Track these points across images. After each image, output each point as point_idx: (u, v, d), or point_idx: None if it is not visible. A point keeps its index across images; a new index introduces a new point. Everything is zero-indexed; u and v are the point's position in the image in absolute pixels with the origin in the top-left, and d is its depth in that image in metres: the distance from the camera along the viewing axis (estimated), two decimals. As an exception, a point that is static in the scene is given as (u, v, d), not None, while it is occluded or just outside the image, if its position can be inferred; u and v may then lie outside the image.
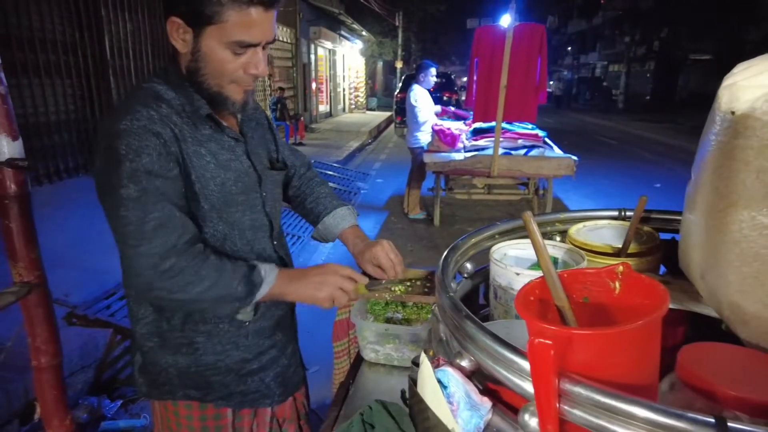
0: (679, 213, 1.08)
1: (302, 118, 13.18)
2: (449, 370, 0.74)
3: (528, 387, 0.66)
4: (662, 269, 1.21)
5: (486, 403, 0.71)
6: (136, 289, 1.00)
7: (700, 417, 0.54)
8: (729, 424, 0.52)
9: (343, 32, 19.99)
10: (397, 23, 23.53)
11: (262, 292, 1.04)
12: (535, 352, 0.59)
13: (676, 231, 1.20)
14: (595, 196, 6.82)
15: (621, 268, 0.74)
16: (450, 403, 0.71)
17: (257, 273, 1.03)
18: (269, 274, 1.05)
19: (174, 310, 1.10)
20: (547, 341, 0.59)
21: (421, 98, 5.36)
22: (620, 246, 1.11)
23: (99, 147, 1.00)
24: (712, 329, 0.93)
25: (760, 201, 0.74)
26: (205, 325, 1.12)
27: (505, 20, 4.43)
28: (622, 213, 1.31)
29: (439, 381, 0.74)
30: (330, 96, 19.84)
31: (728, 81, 0.84)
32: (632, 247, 1.11)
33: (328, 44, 18.57)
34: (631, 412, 0.57)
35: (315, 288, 1.08)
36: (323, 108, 18.71)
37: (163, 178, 0.98)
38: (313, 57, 16.82)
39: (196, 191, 1.05)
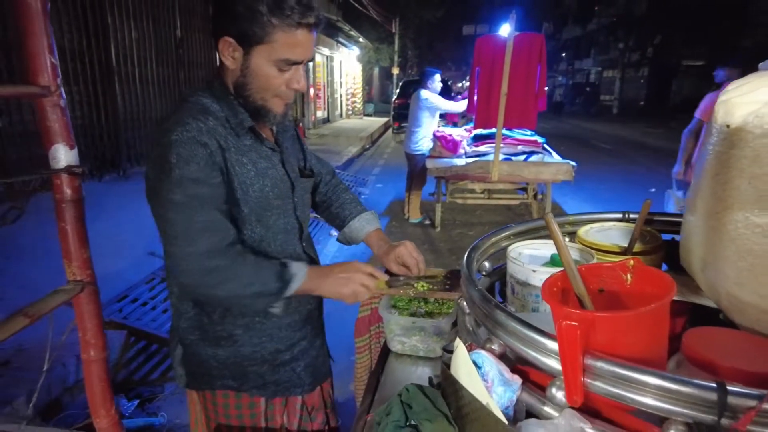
0: (679, 216, 1.19)
1: (300, 124, 13.30)
2: (483, 352, 0.84)
3: (554, 364, 0.76)
4: (664, 267, 1.31)
5: (517, 380, 0.81)
6: (181, 286, 1.10)
7: (704, 383, 0.64)
8: (728, 387, 0.63)
9: (340, 39, 20.15)
10: (393, 30, 23.73)
11: (293, 288, 1.13)
12: (563, 332, 0.70)
13: (676, 232, 1.31)
14: (592, 200, 6.95)
15: (632, 262, 0.84)
16: (485, 380, 0.81)
17: (289, 270, 1.13)
18: (300, 271, 1.15)
19: (215, 306, 1.20)
20: (574, 323, 0.69)
21: (436, 98, 5.43)
22: (626, 245, 1.21)
23: (151, 155, 1.11)
24: (712, 319, 1.03)
25: (753, 203, 0.85)
26: (243, 319, 1.21)
27: (505, 30, 4.56)
28: (626, 215, 1.42)
29: (474, 362, 0.84)
30: (327, 102, 19.97)
31: (723, 97, 0.95)
32: (637, 247, 1.21)
33: (326, 50, 18.72)
34: (645, 381, 0.68)
35: (340, 284, 1.17)
36: (321, 114, 18.84)
37: (208, 185, 1.08)
38: (310, 63, 16.95)
39: (238, 197, 1.15)
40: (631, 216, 1.42)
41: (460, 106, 5.48)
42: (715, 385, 0.63)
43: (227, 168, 1.13)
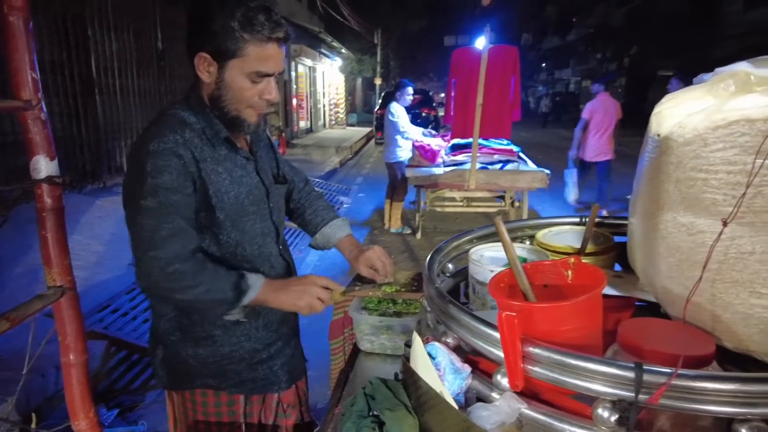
0: (626, 218, 1.28)
1: (283, 134, 13.34)
2: (436, 344, 0.92)
3: (499, 353, 0.84)
4: (617, 267, 1.40)
5: (467, 368, 0.88)
6: (143, 288, 1.16)
7: (624, 363, 0.72)
8: (644, 366, 0.71)
9: (323, 50, 20.29)
10: (375, 41, 23.96)
11: (248, 298, 1.18)
12: (503, 322, 0.78)
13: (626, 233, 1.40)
14: (569, 207, 7.10)
15: (572, 260, 0.93)
16: (438, 369, 0.89)
17: (245, 281, 1.18)
18: (256, 283, 1.20)
19: (195, 308, 1.26)
20: (512, 313, 0.77)
21: (401, 115, 5.59)
22: (579, 247, 1.30)
23: (130, 163, 1.17)
24: (656, 312, 1.12)
25: (679, 205, 0.94)
26: (222, 319, 1.27)
27: (480, 42, 4.69)
28: (583, 219, 1.51)
29: (429, 353, 0.91)
30: (310, 112, 20.05)
31: (657, 110, 1.05)
32: (590, 248, 1.30)
33: (309, 61, 18.83)
34: (576, 364, 0.76)
35: (296, 297, 1.23)
36: (304, 124, 18.90)
37: (179, 194, 1.14)
38: (293, 74, 17.03)
39: (213, 204, 1.22)
40: (586, 220, 1.51)
41: (415, 133, 5.60)
42: (633, 365, 0.72)
43: (202, 177, 1.19)
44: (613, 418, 0.73)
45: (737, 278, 0.84)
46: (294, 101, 16.93)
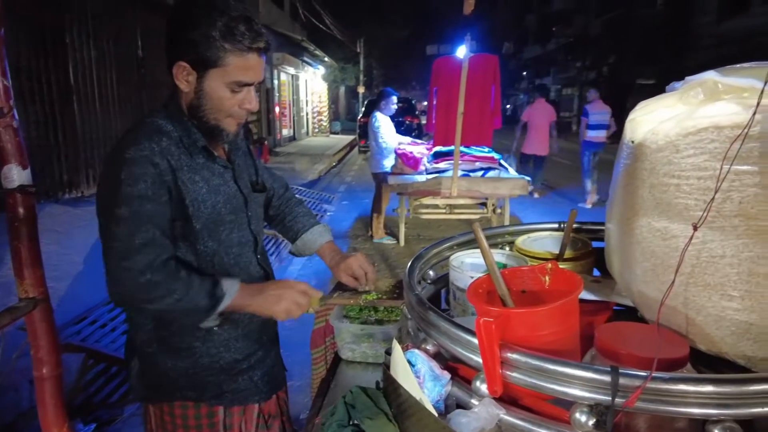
0: (603, 223, 1.29)
1: (266, 142, 13.29)
2: (416, 351, 0.92)
3: (478, 359, 0.84)
4: (596, 272, 1.42)
5: (446, 375, 0.88)
6: (116, 297, 1.14)
7: (600, 367, 0.73)
8: (620, 370, 0.71)
9: (305, 58, 20.32)
10: (358, 50, 24.07)
11: (224, 304, 1.16)
12: (481, 328, 0.78)
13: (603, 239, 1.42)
14: (551, 214, 7.18)
15: (550, 265, 0.93)
16: (417, 377, 0.88)
17: (220, 288, 1.16)
18: (231, 289, 1.18)
19: (171, 318, 1.24)
20: (490, 319, 0.77)
21: (383, 125, 5.61)
22: (558, 252, 1.32)
23: (105, 170, 1.16)
24: (634, 317, 1.13)
25: (653, 210, 0.95)
26: (201, 330, 1.25)
27: (461, 51, 4.74)
28: (561, 225, 1.52)
29: (409, 361, 0.91)
30: (293, 120, 20.02)
31: (631, 117, 1.07)
32: (568, 253, 1.31)
33: (291, 70, 18.83)
34: (553, 369, 0.76)
35: (273, 302, 1.21)
36: (287, 132, 18.86)
37: (154, 202, 1.12)
38: (276, 82, 17.01)
39: (190, 213, 1.20)
40: (565, 226, 1.53)
41: (394, 143, 5.63)
42: (609, 368, 0.72)
43: (178, 186, 1.18)
44: (590, 422, 0.73)
45: (709, 281, 0.86)
46: (277, 109, 16.89)
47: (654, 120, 0.99)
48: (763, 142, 0.78)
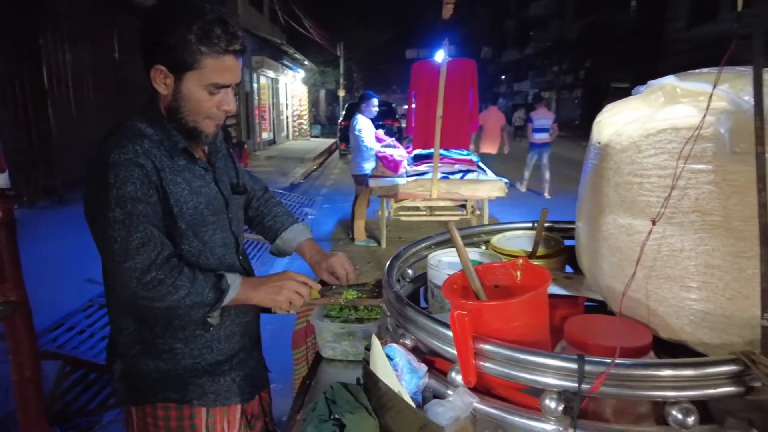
0: (574, 222, 1.35)
1: (246, 145, 13.21)
2: (394, 345, 0.95)
3: (453, 351, 0.87)
4: (568, 269, 1.47)
5: (423, 367, 0.92)
6: (121, 300, 1.15)
7: (568, 356, 0.77)
8: (586, 358, 0.76)
9: (285, 61, 20.26)
10: (338, 53, 24.09)
11: (229, 297, 1.20)
12: (455, 321, 0.81)
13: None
14: (530, 215, 7.25)
15: (521, 261, 0.98)
16: (396, 370, 0.92)
17: (224, 281, 1.20)
18: (234, 282, 1.21)
19: (155, 320, 1.25)
20: (464, 312, 0.81)
21: (364, 128, 5.65)
22: (531, 250, 1.36)
23: (90, 176, 1.16)
24: (605, 312, 1.18)
25: (618, 207, 1.00)
26: (184, 332, 1.26)
27: (439, 56, 4.81)
28: (535, 224, 1.57)
29: (387, 355, 0.94)
30: (273, 123, 19.93)
31: (598, 119, 1.12)
32: (540, 251, 1.36)
33: (271, 73, 18.75)
34: (525, 359, 0.80)
35: (274, 292, 1.25)
36: (266, 135, 18.77)
37: (145, 203, 1.14)
38: (255, 86, 16.93)
39: (175, 214, 1.22)
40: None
41: (373, 146, 5.69)
42: (576, 357, 0.76)
43: (162, 187, 1.20)
44: (559, 408, 0.77)
45: (670, 274, 0.91)
46: (256, 113, 16.80)
47: (619, 122, 1.04)
48: (716, 143, 0.83)
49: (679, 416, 0.72)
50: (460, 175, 4.98)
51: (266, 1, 18.23)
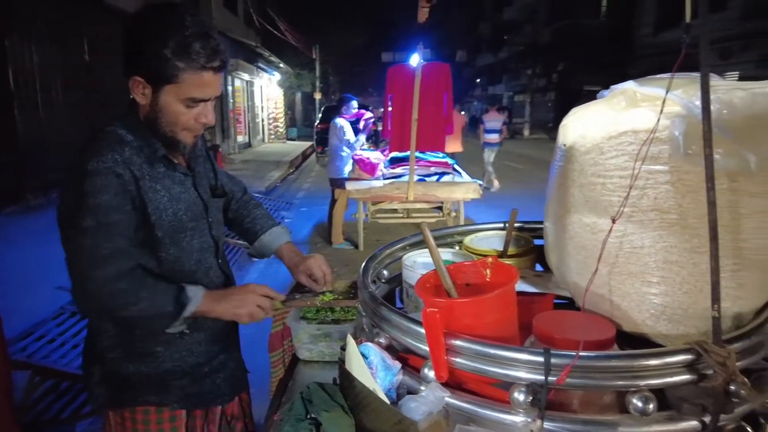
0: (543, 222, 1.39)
1: (220, 149, 13.06)
2: (369, 344, 0.97)
3: (426, 347, 0.90)
4: (538, 267, 1.51)
5: (397, 364, 0.94)
6: (84, 307, 1.14)
7: (535, 349, 0.80)
8: (552, 351, 0.79)
9: (260, 64, 20.12)
10: (314, 56, 24.05)
11: (189, 311, 1.19)
12: (427, 318, 0.84)
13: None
14: (505, 216, 7.38)
15: (490, 260, 1.01)
16: (370, 368, 0.94)
17: (185, 294, 1.19)
18: (196, 295, 1.20)
19: (136, 324, 1.24)
20: (435, 309, 0.84)
21: (349, 131, 5.68)
22: (502, 249, 1.40)
23: (67, 182, 1.16)
24: (574, 308, 1.22)
25: (583, 207, 1.04)
26: (164, 335, 1.26)
27: (414, 60, 4.86)
28: (506, 225, 1.61)
29: (362, 353, 0.96)
30: (248, 126, 19.75)
31: (564, 122, 1.16)
32: (511, 250, 1.40)
33: (246, 76, 18.60)
34: (494, 353, 0.83)
35: (236, 306, 1.24)
36: (242, 138, 18.59)
37: (118, 213, 1.14)
38: (230, 88, 16.76)
39: (153, 222, 1.22)
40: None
41: (357, 144, 5.74)
42: (542, 351, 0.80)
43: (141, 196, 1.19)
44: (527, 400, 0.80)
45: (632, 270, 0.95)
46: (231, 116, 16.64)
47: (583, 125, 1.09)
48: (671, 145, 0.88)
49: (640, 404, 0.76)
50: (436, 177, 5.04)
51: (240, 4, 18.09)
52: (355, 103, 5.76)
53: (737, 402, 0.76)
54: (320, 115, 17.81)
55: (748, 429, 0.78)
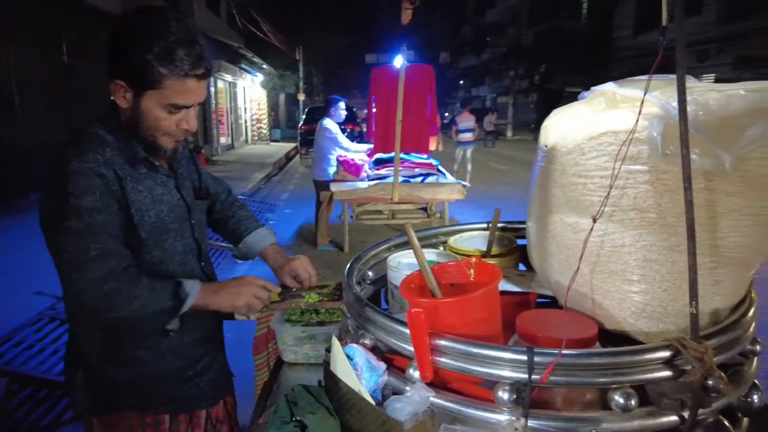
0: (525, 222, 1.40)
1: (203, 150, 12.94)
2: (354, 345, 0.97)
3: (411, 348, 0.90)
4: (522, 267, 1.52)
5: (382, 365, 0.94)
6: (77, 310, 1.13)
7: (518, 348, 0.81)
8: (535, 350, 0.80)
9: (243, 65, 20.00)
10: (297, 57, 23.96)
11: (188, 304, 1.19)
12: (411, 318, 0.84)
13: (528, 236, 1.53)
14: (489, 216, 7.44)
15: (474, 260, 1.02)
16: (355, 369, 0.94)
17: (183, 288, 1.18)
18: (193, 288, 1.20)
19: (119, 328, 1.22)
20: (419, 309, 0.84)
21: (339, 133, 5.67)
22: (485, 249, 1.41)
23: (48, 183, 1.14)
24: (557, 307, 1.24)
25: (564, 207, 1.06)
26: (149, 339, 1.25)
27: (398, 61, 4.87)
28: (489, 225, 1.63)
29: (347, 355, 0.96)
30: (231, 128, 19.62)
31: (545, 123, 1.17)
32: (494, 250, 1.41)
33: (228, 77, 18.47)
34: (478, 352, 0.83)
35: (233, 297, 1.24)
36: (225, 140, 18.44)
37: (104, 213, 1.13)
38: (212, 90, 16.62)
39: (135, 223, 1.20)
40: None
41: (356, 148, 5.75)
42: (525, 350, 0.80)
43: (124, 196, 1.18)
44: (511, 399, 0.81)
45: (613, 269, 0.97)
46: (213, 117, 16.50)
47: (564, 126, 1.10)
48: (650, 145, 0.89)
49: (621, 401, 0.77)
50: (421, 178, 5.06)
51: (223, 5, 17.96)
52: (342, 105, 5.75)
53: (715, 396, 0.78)
54: (304, 117, 17.78)
55: (726, 422, 0.80)
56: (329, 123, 5.67)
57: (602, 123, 0.99)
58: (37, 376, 2.83)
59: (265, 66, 21.57)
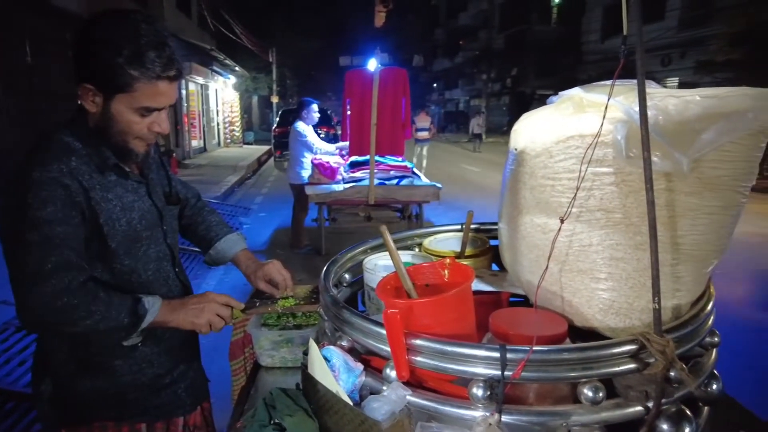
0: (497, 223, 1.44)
1: (174, 154, 12.72)
2: (331, 347, 0.98)
3: (388, 348, 0.92)
4: (495, 267, 1.56)
5: (359, 366, 0.96)
6: (29, 323, 1.09)
7: (491, 346, 0.84)
8: (507, 347, 0.82)
9: (215, 67, 19.72)
10: (270, 60, 23.78)
11: (146, 321, 1.15)
12: (387, 319, 0.86)
13: (501, 237, 1.57)
14: (463, 218, 7.52)
15: (447, 261, 1.04)
16: (333, 371, 0.95)
17: (141, 305, 1.15)
18: (153, 306, 1.17)
19: (90, 338, 1.20)
20: (395, 310, 0.86)
21: (310, 134, 5.64)
22: (459, 250, 1.44)
23: (8, 191, 1.10)
24: (528, 305, 1.27)
25: (534, 208, 1.09)
26: (122, 348, 1.22)
27: (372, 64, 4.90)
28: (463, 226, 1.66)
29: (324, 357, 0.97)
30: (203, 131, 19.32)
31: (515, 127, 1.21)
32: (468, 251, 1.44)
33: (200, 79, 18.19)
34: (452, 351, 0.86)
35: (194, 315, 1.21)
36: (196, 143, 18.15)
37: (65, 225, 1.09)
38: (184, 92, 16.36)
39: (105, 233, 1.17)
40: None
41: (327, 148, 5.74)
42: (498, 347, 0.83)
43: (91, 206, 1.15)
44: (485, 395, 0.83)
45: (581, 267, 1.00)
46: (185, 120, 16.23)
47: (533, 130, 1.13)
48: (615, 148, 0.93)
49: (590, 394, 0.80)
50: (396, 180, 5.09)
51: (195, 6, 17.70)
52: (315, 107, 5.73)
53: (677, 387, 0.82)
54: (278, 119, 17.63)
55: (687, 411, 0.84)
56: (302, 126, 5.66)
57: (569, 127, 1.03)
58: (3, 387, 2.74)
59: (237, 68, 21.33)
